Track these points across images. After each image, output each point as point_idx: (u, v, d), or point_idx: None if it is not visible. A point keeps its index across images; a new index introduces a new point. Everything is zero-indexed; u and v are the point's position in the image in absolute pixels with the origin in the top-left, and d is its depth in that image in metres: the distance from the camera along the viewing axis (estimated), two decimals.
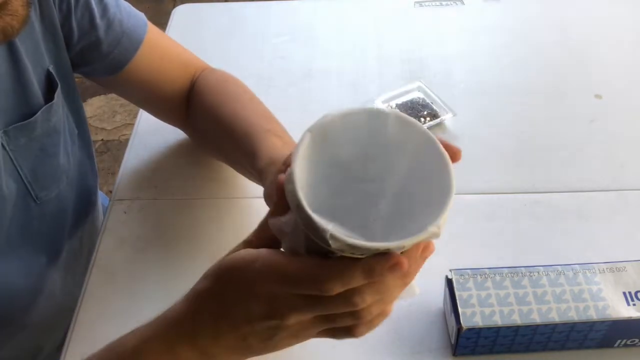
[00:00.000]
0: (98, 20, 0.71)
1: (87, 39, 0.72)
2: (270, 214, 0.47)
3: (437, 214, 0.42)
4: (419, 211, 0.43)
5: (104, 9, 0.72)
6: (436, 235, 0.42)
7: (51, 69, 0.69)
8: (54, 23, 0.68)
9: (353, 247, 0.41)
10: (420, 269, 0.45)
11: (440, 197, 0.43)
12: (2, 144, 0.64)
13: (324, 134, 0.45)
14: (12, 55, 0.63)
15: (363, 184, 0.46)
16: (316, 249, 0.43)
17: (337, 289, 0.42)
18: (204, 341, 0.47)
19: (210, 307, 0.47)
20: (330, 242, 0.40)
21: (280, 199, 0.45)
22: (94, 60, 0.74)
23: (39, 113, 0.66)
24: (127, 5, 0.76)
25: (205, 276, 0.48)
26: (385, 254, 0.41)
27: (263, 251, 0.45)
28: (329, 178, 0.46)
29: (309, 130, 0.45)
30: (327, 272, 0.42)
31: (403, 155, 0.46)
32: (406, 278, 0.45)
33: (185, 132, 0.86)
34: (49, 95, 0.68)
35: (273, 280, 0.44)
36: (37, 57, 0.67)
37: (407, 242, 0.41)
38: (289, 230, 0.45)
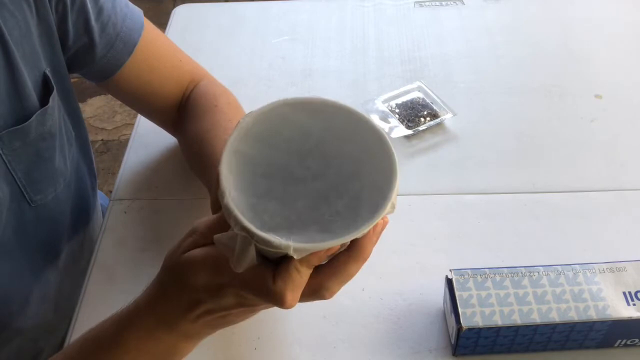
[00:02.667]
0: (93, 22, 0.70)
1: (82, 41, 0.71)
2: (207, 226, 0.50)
3: (387, 192, 0.43)
4: (369, 195, 0.44)
5: (99, 11, 0.71)
6: (390, 212, 0.43)
7: (48, 71, 0.68)
8: (50, 25, 0.67)
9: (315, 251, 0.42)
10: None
11: (386, 176, 0.44)
12: None
13: (247, 137, 0.46)
14: (7, 58, 0.62)
15: (307, 184, 0.46)
16: (270, 256, 0.44)
17: (291, 300, 0.45)
18: (182, 324, 0.51)
19: (180, 297, 0.50)
20: (294, 255, 0.41)
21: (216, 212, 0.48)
22: (88, 63, 0.73)
23: (33, 117, 0.65)
24: (125, 4, 0.74)
25: (168, 268, 0.52)
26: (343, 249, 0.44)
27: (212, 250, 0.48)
28: (269, 182, 0.46)
29: (230, 137, 0.46)
30: (278, 278, 0.45)
31: (338, 143, 0.46)
32: (365, 260, 0.47)
33: (174, 137, 0.85)
34: (44, 99, 0.67)
35: (232, 282, 0.47)
36: (33, 60, 0.66)
37: (365, 229, 0.42)
38: (235, 247, 0.45)
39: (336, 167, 0.46)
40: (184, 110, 0.79)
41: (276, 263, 0.45)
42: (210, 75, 0.83)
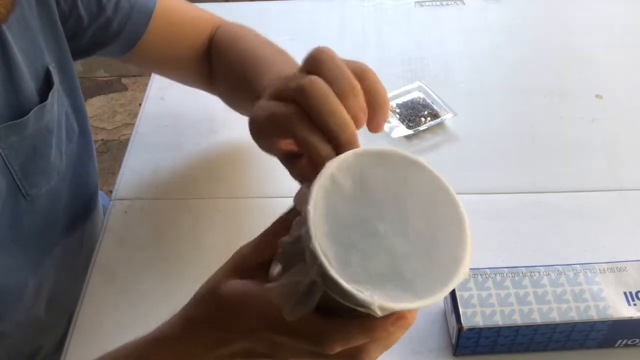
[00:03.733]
0: (104, 1, 0.71)
1: (97, 21, 0.71)
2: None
3: (461, 257, 0.42)
4: (444, 259, 0.42)
5: None
6: (464, 277, 0.41)
7: (52, 67, 0.68)
8: (53, 19, 0.67)
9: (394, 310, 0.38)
10: None
11: (458, 241, 0.43)
12: None
13: (334, 182, 0.41)
14: (2, 52, 0.62)
15: (388, 240, 0.41)
16: (337, 310, 0.40)
17: (338, 348, 0.40)
18: None
19: (207, 336, 0.45)
20: (378, 312, 0.37)
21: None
22: (108, 41, 0.74)
23: (31, 113, 0.65)
24: None
25: (201, 300, 0.46)
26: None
27: (260, 291, 0.43)
28: (351, 233, 0.41)
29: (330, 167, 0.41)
30: (331, 329, 0.40)
31: (414, 200, 0.43)
32: (411, 325, 0.42)
33: (210, 92, 0.85)
34: (45, 94, 0.67)
35: (272, 327, 0.42)
36: (33, 55, 0.66)
37: (447, 290, 0.40)
38: (299, 290, 0.40)
39: (413, 225, 0.42)
40: (214, 54, 0.79)
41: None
42: (226, 20, 0.83)
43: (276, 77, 0.58)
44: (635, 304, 0.60)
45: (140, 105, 0.96)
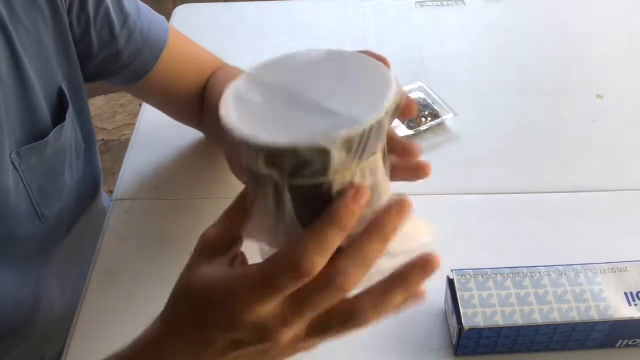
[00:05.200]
0: (118, 31, 0.69)
1: (107, 50, 0.70)
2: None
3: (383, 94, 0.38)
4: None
5: (125, 19, 0.70)
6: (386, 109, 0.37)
7: (63, 85, 0.67)
8: (67, 38, 0.65)
9: (296, 151, 0.35)
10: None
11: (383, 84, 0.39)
12: (14, 165, 0.62)
13: (251, 82, 0.41)
14: (18, 73, 0.61)
15: (314, 106, 0.38)
16: (303, 199, 0.37)
17: (318, 260, 0.37)
18: None
19: (189, 334, 0.42)
20: (334, 152, 0.35)
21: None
22: (114, 70, 0.73)
23: (51, 134, 0.64)
24: (148, 10, 0.74)
25: (175, 297, 0.44)
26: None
27: (227, 270, 0.41)
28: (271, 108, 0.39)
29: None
30: (298, 244, 0.37)
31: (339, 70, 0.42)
32: (383, 238, 0.39)
33: (201, 132, 0.86)
34: (59, 114, 0.66)
35: (252, 297, 0.38)
36: (47, 75, 0.65)
37: (381, 110, 0.36)
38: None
39: (334, 85, 0.41)
40: (207, 94, 0.79)
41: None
42: (226, 63, 0.83)
43: None
44: (635, 304, 0.60)
45: (140, 105, 0.96)
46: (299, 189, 0.37)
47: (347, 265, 0.38)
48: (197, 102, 0.80)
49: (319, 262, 0.37)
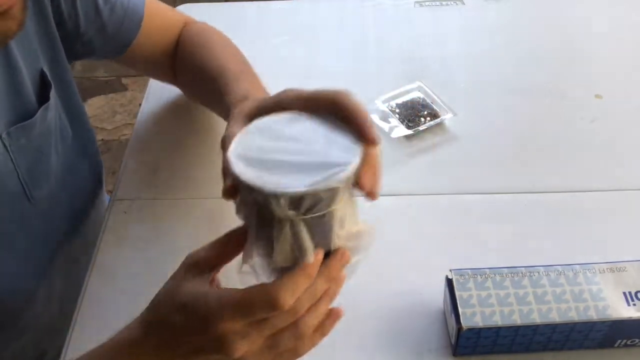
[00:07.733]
0: (102, 5, 0.74)
1: (94, 25, 0.74)
2: (223, 192, 0.51)
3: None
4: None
5: None
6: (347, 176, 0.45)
7: (45, 69, 0.69)
8: (48, 22, 0.69)
9: (296, 198, 0.43)
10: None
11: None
12: (4, 145, 0.64)
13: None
14: (6, 57, 0.64)
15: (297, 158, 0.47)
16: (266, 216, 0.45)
17: (289, 299, 0.45)
18: None
19: (163, 337, 0.48)
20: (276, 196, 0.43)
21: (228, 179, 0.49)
22: (102, 44, 0.77)
23: (38, 113, 0.67)
24: None
25: (158, 303, 0.49)
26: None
27: (209, 288, 0.48)
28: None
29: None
30: (277, 288, 0.45)
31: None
32: (333, 282, 0.48)
33: (176, 86, 0.89)
34: (42, 96, 0.69)
35: (226, 315, 0.45)
36: (30, 59, 0.67)
37: (328, 184, 0.44)
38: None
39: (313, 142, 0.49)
40: (180, 50, 0.83)
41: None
42: (192, 18, 0.88)
43: (244, 98, 0.65)
44: (634, 304, 0.60)
45: (140, 105, 0.96)
46: (309, 221, 0.45)
47: (304, 299, 0.46)
48: (172, 60, 0.84)
49: (291, 301, 0.45)
